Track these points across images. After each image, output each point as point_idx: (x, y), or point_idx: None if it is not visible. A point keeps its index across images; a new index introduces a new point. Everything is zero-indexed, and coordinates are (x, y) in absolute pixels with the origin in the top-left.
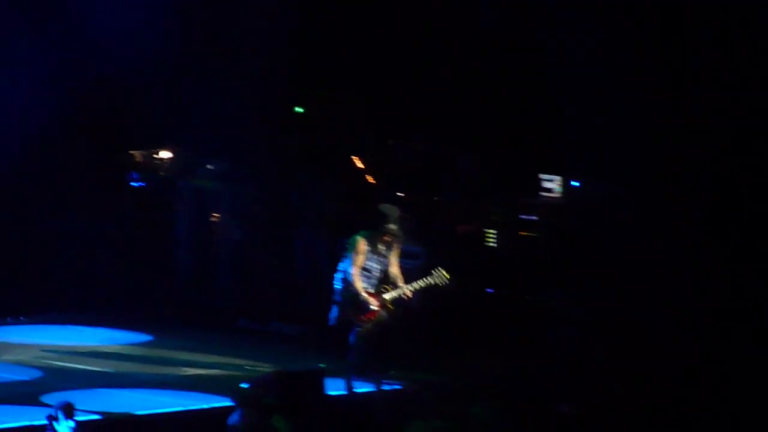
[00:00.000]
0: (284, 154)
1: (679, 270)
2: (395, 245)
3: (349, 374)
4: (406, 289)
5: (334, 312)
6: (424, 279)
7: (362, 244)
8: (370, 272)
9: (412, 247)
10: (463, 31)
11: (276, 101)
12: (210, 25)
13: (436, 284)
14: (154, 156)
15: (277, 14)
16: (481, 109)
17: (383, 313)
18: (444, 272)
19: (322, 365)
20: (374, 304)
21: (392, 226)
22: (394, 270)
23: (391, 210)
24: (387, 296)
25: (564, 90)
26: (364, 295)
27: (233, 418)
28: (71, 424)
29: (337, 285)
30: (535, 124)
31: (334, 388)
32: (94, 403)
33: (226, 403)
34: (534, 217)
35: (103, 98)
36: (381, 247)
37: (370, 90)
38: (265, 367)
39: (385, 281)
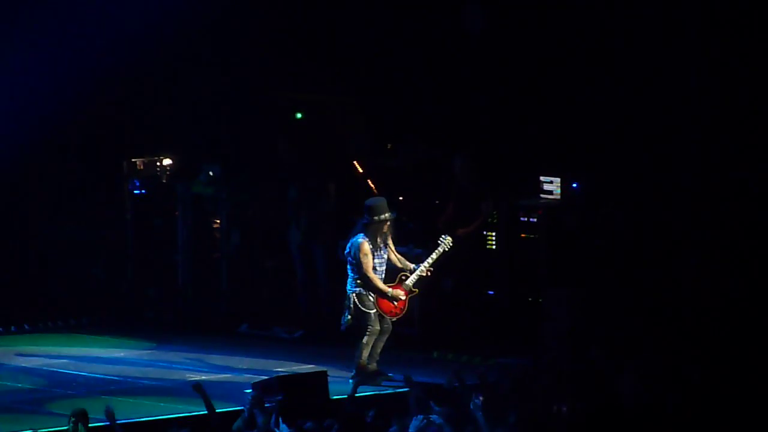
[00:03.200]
0: (282, 159)
1: (679, 268)
2: (389, 233)
3: (352, 377)
4: (423, 268)
5: (346, 317)
6: (436, 251)
7: (366, 245)
8: (376, 269)
9: (413, 250)
10: (456, 33)
11: (273, 106)
12: (206, 30)
13: (445, 251)
14: (155, 163)
15: (274, 18)
16: (478, 112)
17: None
18: (448, 238)
19: (324, 369)
20: (402, 295)
21: (384, 216)
22: (396, 256)
23: (377, 202)
24: (409, 282)
25: (560, 90)
26: (390, 290)
27: (238, 423)
28: None
29: (350, 290)
30: (534, 125)
31: (337, 391)
32: (99, 410)
33: (231, 407)
34: (534, 219)
35: (102, 106)
36: (379, 241)
37: (366, 95)
38: (268, 372)
39: (397, 269)
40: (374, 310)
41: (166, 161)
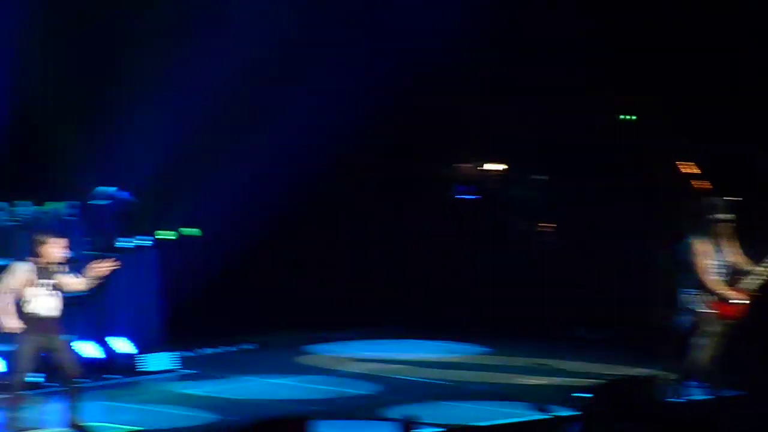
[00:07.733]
0: (606, 163)
1: None
2: (731, 234)
3: (688, 379)
4: (764, 269)
5: (681, 317)
6: None
7: (701, 244)
8: (713, 271)
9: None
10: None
11: (596, 110)
12: (530, 32)
13: None
14: (480, 168)
15: (594, 20)
16: None
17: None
18: None
19: (655, 372)
20: (739, 298)
21: (722, 216)
22: (739, 258)
23: (713, 202)
24: (749, 284)
25: None
26: (725, 291)
27: (574, 429)
28: None
29: (685, 291)
30: None
31: (672, 394)
32: (435, 416)
33: (566, 412)
34: None
35: (429, 111)
36: (717, 242)
37: (679, 95)
38: (603, 376)
39: (736, 272)
40: (710, 311)
41: (490, 166)
